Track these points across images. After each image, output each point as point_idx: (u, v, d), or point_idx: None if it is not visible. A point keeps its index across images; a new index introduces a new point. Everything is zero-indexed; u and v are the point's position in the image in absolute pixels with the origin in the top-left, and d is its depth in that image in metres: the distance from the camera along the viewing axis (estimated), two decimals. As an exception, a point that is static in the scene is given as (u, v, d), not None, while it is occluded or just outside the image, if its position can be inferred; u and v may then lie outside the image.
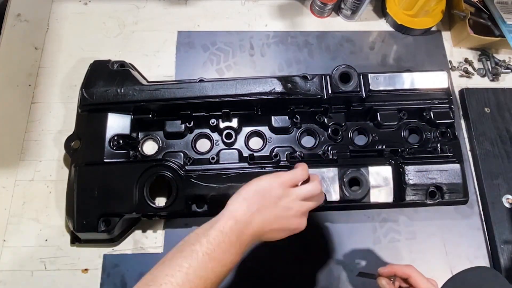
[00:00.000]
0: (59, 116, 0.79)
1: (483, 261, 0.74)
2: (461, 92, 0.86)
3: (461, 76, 0.89)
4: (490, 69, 0.88)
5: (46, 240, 0.71)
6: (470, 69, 0.89)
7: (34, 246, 0.70)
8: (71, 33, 0.86)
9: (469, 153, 0.82)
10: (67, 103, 0.80)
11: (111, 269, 0.70)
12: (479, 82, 0.88)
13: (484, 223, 0.76)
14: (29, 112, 0.79)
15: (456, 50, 0.91)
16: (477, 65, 0.89)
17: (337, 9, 0.92)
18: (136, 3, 0.90)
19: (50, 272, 0.69)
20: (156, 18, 0.89)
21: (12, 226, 0.71)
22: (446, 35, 0.92)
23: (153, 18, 0.89)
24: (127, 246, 0.72)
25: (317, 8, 0.90)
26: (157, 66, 0.84)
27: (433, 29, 0.91)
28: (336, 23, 0.92)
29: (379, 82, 0.74)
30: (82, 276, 0.69)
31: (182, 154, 0.72)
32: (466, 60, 0.89)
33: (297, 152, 0.74)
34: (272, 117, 0.76)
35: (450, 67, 0.89)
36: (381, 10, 0.93)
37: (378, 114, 0.76)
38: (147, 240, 0.72)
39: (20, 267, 0.69)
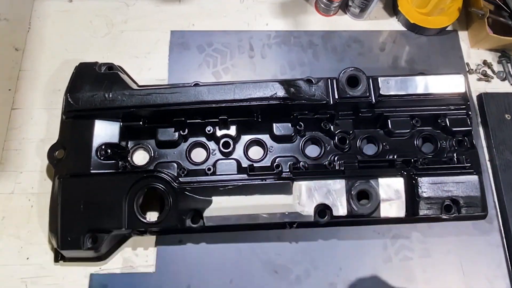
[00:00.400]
0: (41, 123, 0.80)
1: (503, 281, 0.74)
2: (479, 97, 0.87)
3: (479, 79, 0.89)
4: (511, 72, 0.89)
5: (28, 258, 0.72)
6: (489, 72, 0.89)
7: (15, 265, 0.71)
8: (55, 33, 0.87)
9: (488, 163, 0.82)
10: (51, 109, 0.81)
11: (98, 291, 0.69)
12: (499, 86, 0.89)
13: (504, 240, 0.77)
14: (9, 118, 0.80)
15: (473, 52, 0.92)
16: (496, 67, 0.90)
17: (344, 7, 0.92)
18: (125, 0, 0.90)
19: (31, 293, 0.69)
20: (147, 16, 0.90)
21: (-10, 244, 0.72)
22: (463, 35, 0.93)
23: (144, 16, 0.90)
24: (116, 264, 0.72)
25: (322, 5, 0.90)
26: (148, 68, 0.85)
27: (448, 28, 0.92)
28: (343, 22, 0.93)
29: (390, 86, 0.75)
30: (66, 298, 0.69)
31: (175, 165, 0.73)
32: (485, 62, 0.90)
33: (301, 163, 0.75)
34: (274, 124, 0.77)
35: (467, 70, 0.89)
36: (392, 8, 0.94)
37: (389, 121, 0.77)
38: (138, 258, 0.72)
39: (-1, 288, 0.69)
